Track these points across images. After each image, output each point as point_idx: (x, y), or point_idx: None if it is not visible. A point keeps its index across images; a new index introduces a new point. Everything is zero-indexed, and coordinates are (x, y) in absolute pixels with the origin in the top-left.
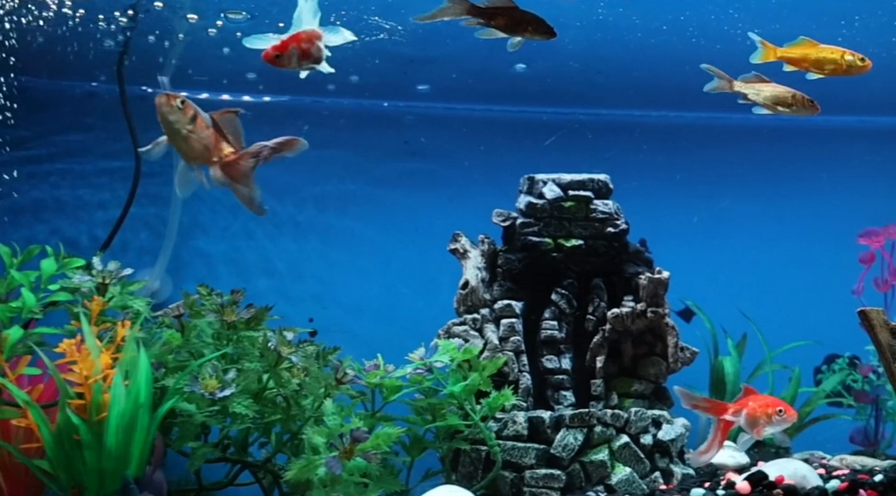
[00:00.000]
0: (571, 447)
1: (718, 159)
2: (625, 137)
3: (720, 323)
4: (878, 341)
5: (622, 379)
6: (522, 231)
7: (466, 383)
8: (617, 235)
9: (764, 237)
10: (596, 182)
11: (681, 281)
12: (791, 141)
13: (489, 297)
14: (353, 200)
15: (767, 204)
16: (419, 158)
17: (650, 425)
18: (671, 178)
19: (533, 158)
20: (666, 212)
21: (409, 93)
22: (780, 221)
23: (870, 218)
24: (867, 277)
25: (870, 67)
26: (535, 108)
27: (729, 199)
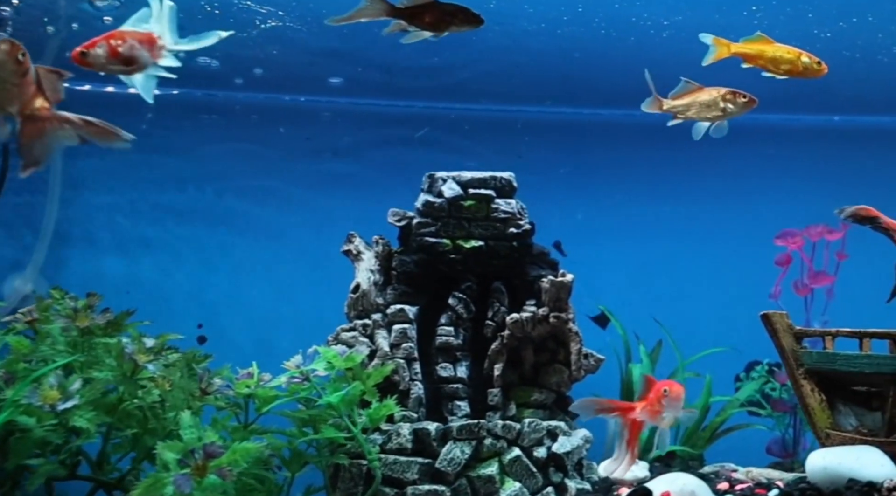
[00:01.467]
0: (458, 461)
1: (631, 158)
2: (535, 133)
3: (636, 329)
4: (782, 346)
5: (522, 388)
6: (419, 231)
7: (344, 393)
8: (520, 236)
9: (684, 240)
10: (499, 180)
11: (598, 285)
12: (712, 141)
13: (382, 302)
14: (260, 198)
15: (687, 206)
16: (326, 155)
17: (545, 437)
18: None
19: (446, 156)
20: (581, 212)
21: (316, 87)
22: (700, 223)
23: (795, 220)
24: (787, 281)
25: (825, 72)
26: (449, 105)
27: (620, 196)
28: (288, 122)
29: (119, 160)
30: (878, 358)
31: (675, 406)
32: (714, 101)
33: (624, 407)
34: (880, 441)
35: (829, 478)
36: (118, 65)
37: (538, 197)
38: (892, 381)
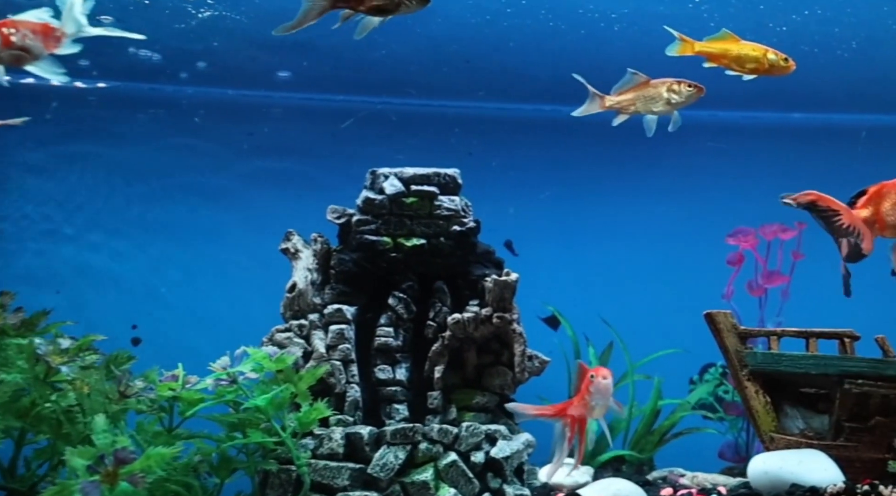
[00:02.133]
0: (391, 466)
1: (586, 156)
2: (484, 131)
3: (588, 330)
4: (725, 346)
5: (464, 390)
6: (358, 229)
7: (272, 396)
8: (464, 234)
9: (638, 239)
10: (442, 176)
11: (550, 285)
12: (666, 137)
13: (319, 302)
14: (201, 194)
15: (641, 204)
16: (270, 151)
17: (484, 441)
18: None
19: (394, 153)
20: (532, 211)
21: (260, 81)
22: (654, 222)
23: (750, 218)
24: (741, 281)
25: (793, 68)
26: (397, 100)
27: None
28: (231, 117)
29: (56, 154)
30: (824, 358)
31: (605, 393)
32: (658, 93)
33: (558, 408)
34: (826, 444)
35: (770, 483)
36: (10, 54)
37: (491, 195)
38: (838, 383)
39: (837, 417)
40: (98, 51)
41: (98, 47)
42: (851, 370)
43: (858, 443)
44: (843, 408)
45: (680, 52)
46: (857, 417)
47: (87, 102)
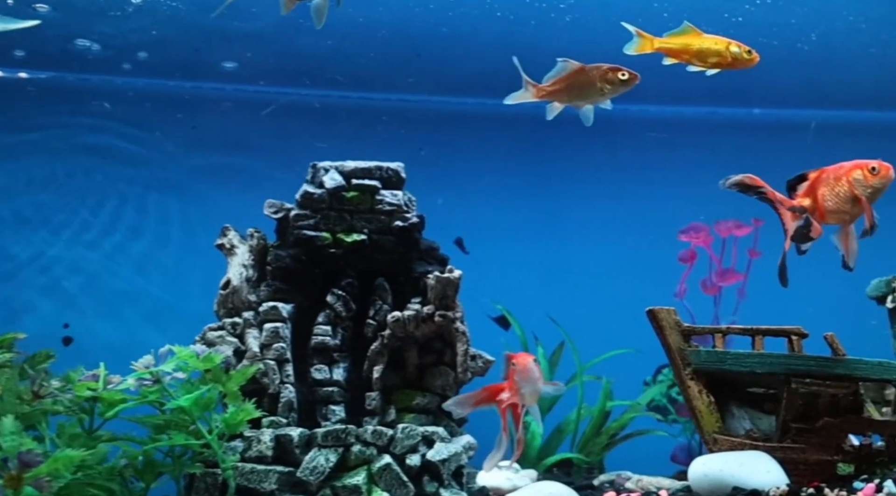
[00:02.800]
0: (322, 469)
1: (540, 152)
2: (437, 125)
3: (540, 329)
4: (668, 344)
5: (405, 391)
6: (296, 224)
7: (196, 396)
8: (406, 230)
9: (592, 237)
10: (385, 170)
11: (503, 284)
12: (620, 133)
13: (255, 299)
14: (144, 188)
15: (594, 201)
16: (213, 145)
17: (420, 443)
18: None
19: (344, 146)
20: (482, 207)
21: (204, 73)
22: (608, 219)
23: (707, 215)
24: (696, 279)
25: (757, 61)
26: (342, 92)
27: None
28: (173, 109)
29: None
30: (770, 357)
31: (529, 377)
32: (591, 81)
33: (492, 390)
34: (771, 446)
35: (710, 486)
36: None
37: (443, 192)
38: (785, 382)
39: (784, 418)
40: (34, 41)
41: (34, 38)
42: (798, 368)
43: (806, 445)
44: (790, 408)
45: (639, 50)
46: (805, 418)
47: (26, 93)
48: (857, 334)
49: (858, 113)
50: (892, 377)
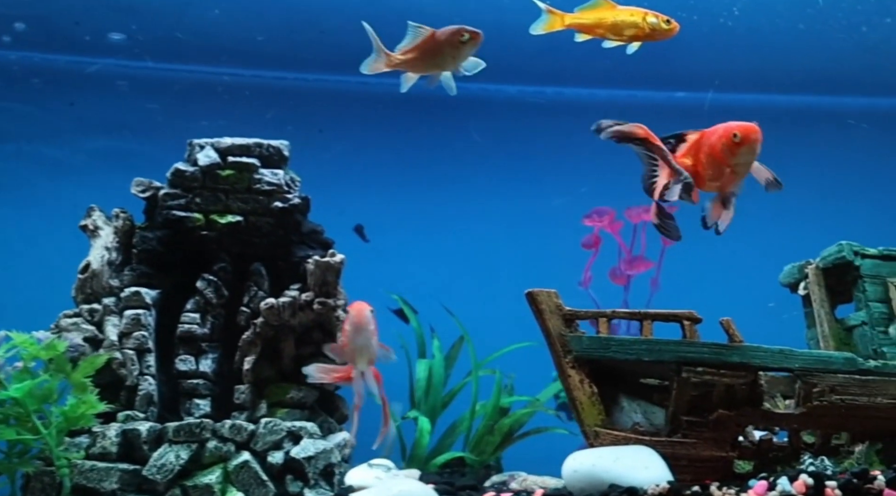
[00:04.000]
0: (171, 467)
1: (446, 138)
2: (338, 105)
3: (441, 322)
4: (547, 329)
5: (280, 385)
6: (166, 204)
7: (27, 386)
8: (286, 211)
9: (500, 225)
10: (266, 148)
11: (404, 274)
12: (528, 117)
13: (117, 284)
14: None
15: (504, 188)
16: (94, 123)
17: (285, 440)
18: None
19: (239, 126)
20: (393, 197)
21: (87, 46)
22: (513, 207)
23: (622, 201)
24: (605, 267)
25: (676, 30)
26: (237, 70)
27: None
28: (52, 85)
29: None
30: (658, 343)
31: (361, 328)
32: (442, 47)
33: (339, 349)
34: (658, 440)
35: (582, 484)
36: None
37: (345, 175)
38: (675, 371)
39: (674, 410)
40: None
41: None
42: (690, 356)
43: (698, 440)
44: (681, 399)
45: (548, 27)
46: (697, 410)
47: None
48: (778, 324)
49: (790, 97)
50: (793, 366)
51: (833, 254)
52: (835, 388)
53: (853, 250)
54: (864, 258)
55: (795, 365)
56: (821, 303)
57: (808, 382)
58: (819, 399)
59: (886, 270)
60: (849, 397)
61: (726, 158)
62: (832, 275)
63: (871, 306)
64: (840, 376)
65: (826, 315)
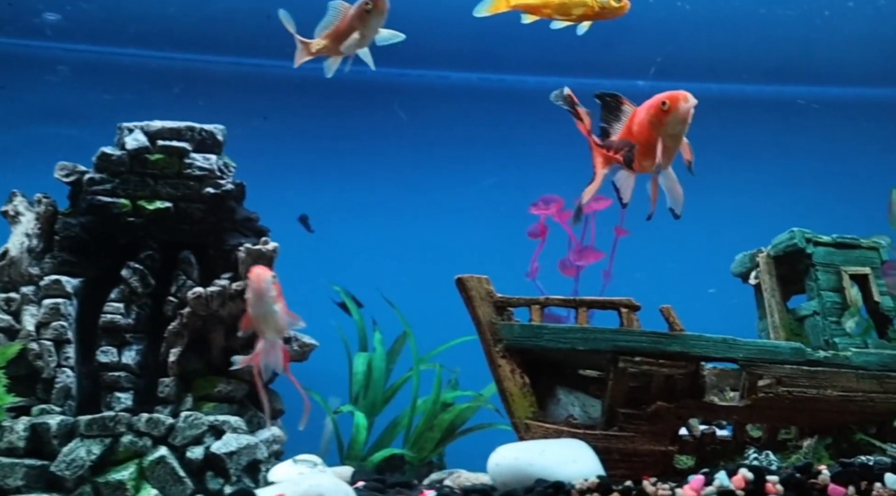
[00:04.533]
0: (81, 463)
1: (391, 127)
2: (282, 91)
3: (388, 315)
4: (477, 317)
5: (208, 378)
6: (90, 189)
7: None
8: (218, 197)
9: (448, 218)
10: (198, 132)
11: (351, 266)
12: (474, 104)
13: (37, 272)
14: None
15: (454, 179)
16: (22, 107)
17: (207, 434)
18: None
19: (184, 114)
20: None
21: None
22: (464, 196)
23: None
24: (559, 258)
25: (627, 9)
26: (188, 55)
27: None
28: None
29: None
30: (594, 332)
31: (261, 294)
32: (352, 21)
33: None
34: (592, 434)
35: (504, 478)
36: None
37: (295, 165)
38: (611, 361)
39: (610, 402)
40: None
41: None
42: (627, 345)
43: (635, 433)
44: (617, 390)
45: (493, 9)
46: (635, 402)
47: None
48: (727, 312)
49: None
50: (736, 356)
51: (784, 242)
52: (782, 380)
53: (805, 237)
54: (816, 246)
55: (740, 355)
56: (771, 292)
57: (753, 373)
58: (765, 391)
59: (840, 258)
60: (797, 389)
61: (656, 129)
62: (784, 263)
63: (823, 295)
64: (787, 367)
65: (777, 305)
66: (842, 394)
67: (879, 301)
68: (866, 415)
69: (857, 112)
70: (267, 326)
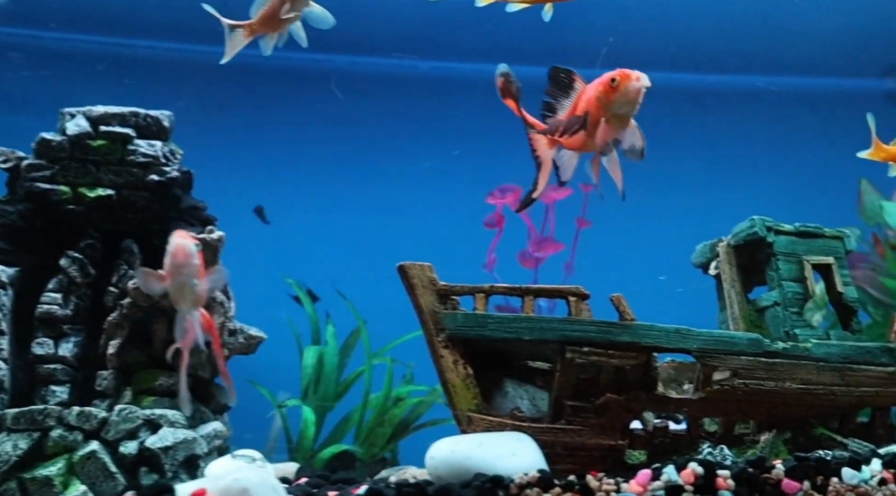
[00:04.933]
0: (6, 458)
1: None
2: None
3: (341, 309)
4: (419, 306)
5: (150, 371)
6: (29, 175)
7: None
8: (163, 185)
9: (406, 210)
10: (143, 117)
11: (307, 258)
12: (431, 92)
13: None
14: None
15: (410, 168)
16: None
17: (142, 428)
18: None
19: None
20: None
21: None
22: (422, 189)
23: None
24: (523, 249)
25: None
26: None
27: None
28: None
29: None
30: (540, 321)
31: (180, 265)
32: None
33: (153, 275)
34: (538, 427)
35: (441, 471)
36: None
37: (255, 156)
38: (559, 351)
39: (557, 394)
40: None
41: None
42: (575, 335)
43: (584, 427)
44: (565, 382)
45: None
46: (583, 394)
47: None
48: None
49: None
50: (690, 347)
51: (744, 231)
52: (738, 372)
53: (766, 226)
54: (777, 234)
55: (693, 345)
56: (731, 282)
57: (707, 365)
58: (720, 383)
59: (803, 248)
60: (753, 382)
61: (604, 107)
62: (744, 253)
63: (784, 285)
64: (744, 358)
65: (737, 295)
66: (801, 387)
67: (843, 292)
68: (827, 408)
69: (826, 103)
70: (183, 298)
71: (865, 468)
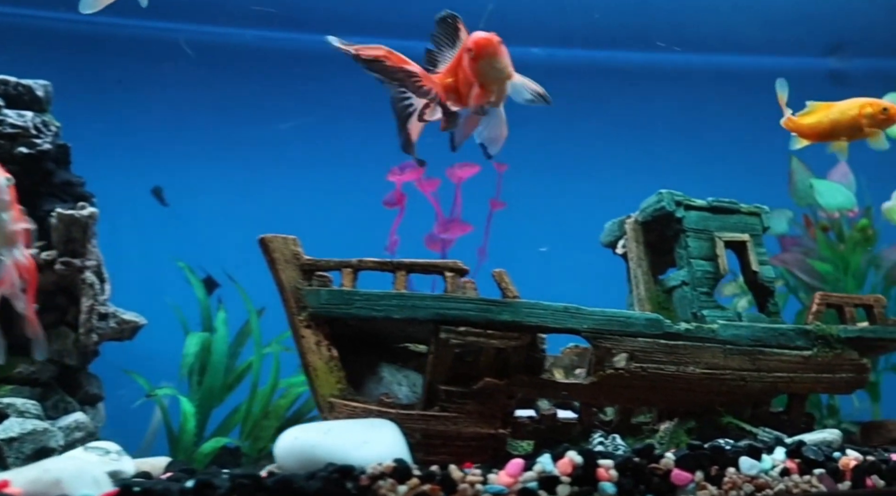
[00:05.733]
0: None
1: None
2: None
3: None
4: (280, 282)
5: (11, 358)
6: None
7: None
8: (33, 158)
9: (314, 194)
10: (13, 86)
11: (209, 241)
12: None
13: None
14: None
15: (326, 145)
16: None
17: None
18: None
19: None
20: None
21: None
22: (331, 173)
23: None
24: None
25: None
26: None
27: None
28: None
29: None
30: (412, 298)
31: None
32: None
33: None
34: (407, 414)
35: (286, 461)
36: None
37: (145, 132)
38: (433, 331)
39: (431, 378)
40: None
41: None
42: (450, 313)
43: (459, 414)
44: (439, 365)
45: None
46: (461, 378)
47: None
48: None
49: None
50: (580, 327)
51: (652, 206)
52: (634, 354)
53: (675, 200)
54: (688, 209)
55: (584, 325)
56: (637, 261)
57: (600, 347)
58: (614, 367)
59: (716, 224)
60: (652, 365)
61: (474, 73)
62: (652, 230)
63: (693, 264)
64: (641, 340)
65: (643, 275)
66: (706, 371)
67: (758, 271)
68: (737, 395)
69: (767, 82)
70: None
71: (767, 457)
